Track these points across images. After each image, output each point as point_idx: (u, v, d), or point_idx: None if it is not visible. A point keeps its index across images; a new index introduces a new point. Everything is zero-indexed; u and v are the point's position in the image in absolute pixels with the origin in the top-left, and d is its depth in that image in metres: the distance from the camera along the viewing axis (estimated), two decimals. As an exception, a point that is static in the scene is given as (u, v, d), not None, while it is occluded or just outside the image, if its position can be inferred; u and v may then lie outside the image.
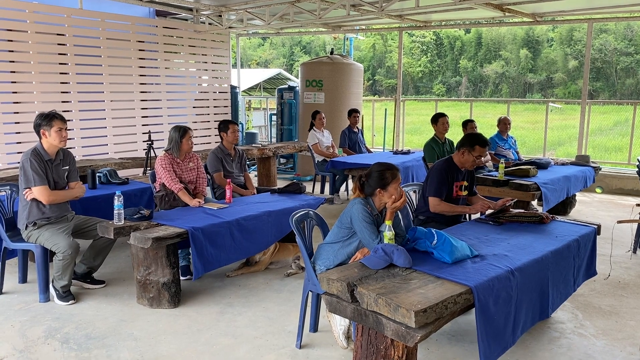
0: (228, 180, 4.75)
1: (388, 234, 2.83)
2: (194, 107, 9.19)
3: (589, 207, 7.41)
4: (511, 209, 3.96)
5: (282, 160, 10.60)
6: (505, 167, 6.01)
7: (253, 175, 9.09)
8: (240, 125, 10.36)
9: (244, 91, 20.69)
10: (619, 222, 3.42)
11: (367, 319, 2.42)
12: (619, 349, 3.26)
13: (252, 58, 43.53)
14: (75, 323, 3.58)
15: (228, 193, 4.64)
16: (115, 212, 3.80)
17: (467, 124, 6.74)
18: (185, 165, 4.75)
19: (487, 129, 8.27)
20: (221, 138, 5.41)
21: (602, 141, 20.33)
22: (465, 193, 4.18)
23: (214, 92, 9.54)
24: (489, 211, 3.97)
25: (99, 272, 4.31)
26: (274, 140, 10.75)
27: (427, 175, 4.19)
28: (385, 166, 3.08)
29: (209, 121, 9.28)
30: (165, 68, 8.56)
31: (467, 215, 4.59)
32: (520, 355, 3.17)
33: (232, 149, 5.43)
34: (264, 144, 8.61)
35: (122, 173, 6.61)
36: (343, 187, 7.67)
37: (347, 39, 11.25)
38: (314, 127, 7.60)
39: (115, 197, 3.81)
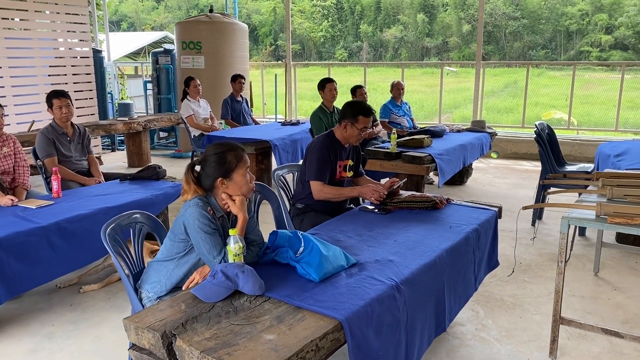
0: (54, 168, 3.71)
1: (233, 249, 2.04)
2: (50, 76, 7.77)
3: (486, 174, 7.13)
4: (400, 192, 3.33)
5: (163, 134, 9.47)
6: (398, 137, 5.45)
7: (122, 154, 7.92)
8: (109, 96, 9.07)
9: (127, 56, 18.83)
10: (525, 208, 2.88)
11: (189, 387, 1.64)
12: (526, 355, 2.76)
13: (146, 22, 40.57)
14: None
15: (55, 185, 3.62)
16: None
17: (356, 90, 6.10)
18: (-3, 152, 3.66)
19: (387, 94, 7.68)
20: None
21: (494, 103, 20.91)
22: (350, 174, 3.48)
23: (73, 58, 8.12)
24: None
25: None
26: (152, 112, 9.55)
27: (306, 154, 3.43)
28: (225, 146, 2.25)
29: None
30: (4, 29, 7.05)
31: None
32: (413, 378, 2.55)
33: (69, 127, 4.35)
34: (132, 117, 7.46)
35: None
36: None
37: (231, -4, 10.18)
38: (187, 96, 6.59)
39: None
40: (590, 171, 4.74)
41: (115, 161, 7.97)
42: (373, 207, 3.11)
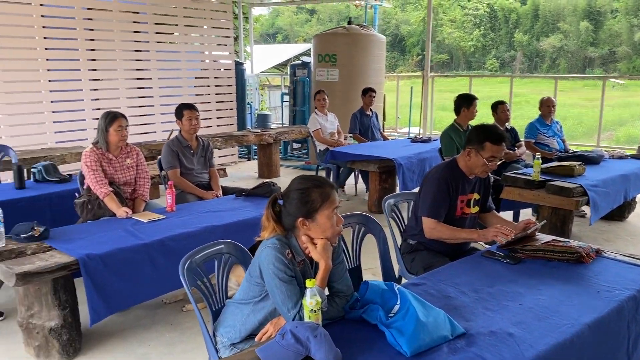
0: (170, 182, 3.72)
1: (309, 304, 1.72)
2: (195, 87, 8.22)
3: (654, 209, 5.99)
4: (536, 235, 2.76)
5: (296, 145, 9.54)
6: (545, 162, 4.76)
7: (255, 164, 8.05)
8: (249, 107, 9.37)
9: (275, 67, 19.64)
10: None
11: None
12: None
13: (299, 34, 42.46)
14: None
15: (169, 199, 3.62)
16: (-9, 230, 2.86)
17: (498, 106, 5.44)
18: (121, 163, 3.76)
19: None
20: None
21: (666, 120, 18.20)
22: (475, 210, 2.98)
23: (217, 70, 8.50)
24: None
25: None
26: (286, 123, 9.68)
27: (421, 184, 3.02)
28: (310, 182, 1.94)
29: (209, 102, 8.29)
30: (157, 42, 7.57)
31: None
32: None
33: (194, 140, 4.39)
34: (266, 129, 7.55)
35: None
36: (351, 179, 6.52)
37: (371, 6, 9.93)
38: (315, 110, 6.47)
39: (-10, 212, 2.86)
40: None
41: (248, 170, 8.16)
42: (501, 252, 2.60)
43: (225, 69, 8.62)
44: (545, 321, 1.93)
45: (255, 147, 9.04)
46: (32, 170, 4.38)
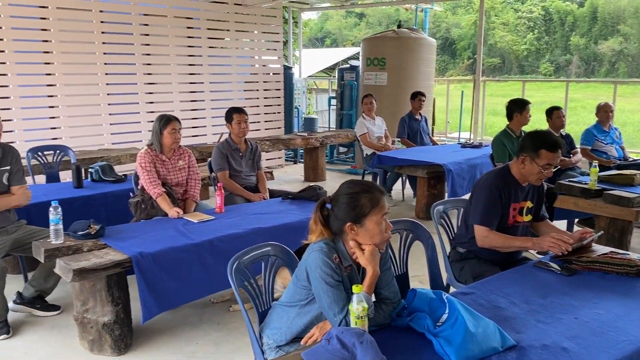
0: (219, 184, 3.80)
1: (355, 310, 1.71)
2: (245, 91, 8.36)
3: None
4: (593, 247, 2.64)
5: (342, 149, 9.53)
6: (603, 170, 4.56)
7: (301, 167, 8.10)
8: (296, 110, 9.44)
9: (323, 71, 19.74)
10: None
11: None
12: None
13: (348, 38, 42.54)
14: (-7, 369, 2.84)
15: (218, 200, 3.69)
16: (51, 228, 2.99)
17: (553, 112, 5.27)
18: (173, 164, 3.87)
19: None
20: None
21: None
22: (528, 218, 2.89)
23: (266, 74, 8.62)
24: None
25: (56, 295, 3.56)
26: (333, 127, 9.70)
27: (472, 191, 2.95)
28: (360, 187, 1.93)
29: (258, 106, 8.41)
30: (209, 47, 7.74)
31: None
32: None
33: (242, 143, 4.46)
34: (312, 133, 7.58)
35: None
36: (398, 185, 6.46)
37: (422, 10, 9.83)
38: (363, 114, 6.45)
39: (51, 209, 2.99)
40: None
41: (294, 174, 8.22)
42: (553, 263, 2.51)
43: (274, 73, 8.74)
44: (602, 337, 1.85)
45: (302, 151, 9.09)
46: (89, 170, 4.56)
